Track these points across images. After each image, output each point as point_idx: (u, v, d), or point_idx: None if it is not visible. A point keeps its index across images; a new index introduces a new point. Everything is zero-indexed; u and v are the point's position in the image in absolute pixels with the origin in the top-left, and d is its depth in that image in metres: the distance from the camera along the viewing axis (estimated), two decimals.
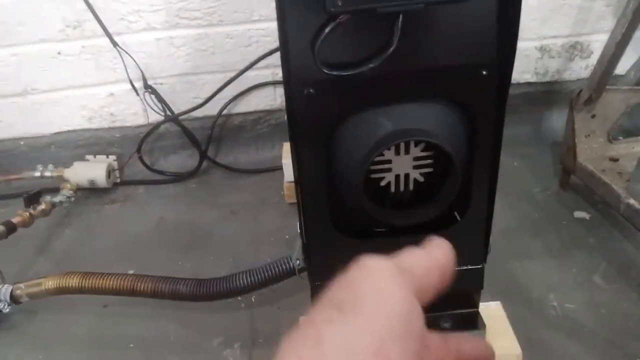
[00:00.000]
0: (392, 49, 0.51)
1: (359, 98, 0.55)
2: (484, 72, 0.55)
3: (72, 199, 1.18)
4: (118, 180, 1.28)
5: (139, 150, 1.26)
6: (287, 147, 1.19)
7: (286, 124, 0.57)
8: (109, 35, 1.13)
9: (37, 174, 1.23)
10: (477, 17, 0.54)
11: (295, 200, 1.19)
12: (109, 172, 1.24)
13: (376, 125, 0.56)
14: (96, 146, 1.30)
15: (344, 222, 0.62)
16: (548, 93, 1.35)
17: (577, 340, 0.82)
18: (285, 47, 0.51)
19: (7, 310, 0.89)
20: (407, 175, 0.60)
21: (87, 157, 1.26)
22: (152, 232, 1.16)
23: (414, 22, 0.51)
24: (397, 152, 0.58)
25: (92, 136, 1.29)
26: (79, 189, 1.23)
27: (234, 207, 1.22)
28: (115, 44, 1.14)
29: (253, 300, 0.95)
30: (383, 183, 0.60)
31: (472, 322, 0.69)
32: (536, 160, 1.28)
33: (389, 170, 0.59)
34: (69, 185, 1.20)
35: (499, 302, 0.74)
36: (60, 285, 0.87)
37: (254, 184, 1.30)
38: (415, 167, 0.59)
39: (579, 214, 1.09)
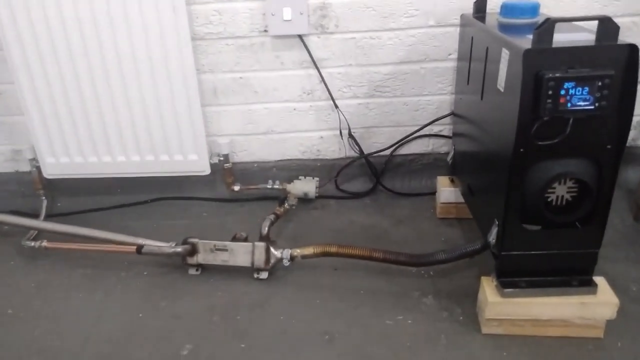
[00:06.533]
0: (566, 134, 1.07)
1: (544, 155, 1.11)
2: (609, 146, 1.10)
3: (296, 204, 1.78)
4: (317, 195, 1.88)
5: (337, 175, 1.86)
6: (440, 179, 1.76)
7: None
8: (333, 100, 1.75)
9: (269, 186, 1.84)
10: (606, 119, 1.09)
11: (444, 216, 1.74)
12: (316, 188, 1.84)
13: (552, 169, 1.11)
14: (302, 171, 1.90)
15: (524, 218, 1.17)
16: (625, 155, 1.86)
17: None
18: (518, 128, 1.07)
19: (287, 264, 1.47)
20: (562, 196, 1.15)
21: (300, 177, 1.87)
22: (347, 228, 1.74)
23: (577, 122, 1.07)
24: (559, 183, 1.13)
25: (302, 164, 1.90)
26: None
27: (399, 217, 1.78)
28: (336, 106, 1.76)
29: (431, 273, 1.49)
30: (549, 199, 1.15)
31: (589, 283, 1.21)
32: (615, 201, 1.78)
33: (554, 192, 1.14)
34: (292, 195, 1.80)
35: (602, 277, 1.25)
36: (325, 250, 1.44)
37: (410, 204, 1.86)
38: (568, 192, 1.14)
39: None
